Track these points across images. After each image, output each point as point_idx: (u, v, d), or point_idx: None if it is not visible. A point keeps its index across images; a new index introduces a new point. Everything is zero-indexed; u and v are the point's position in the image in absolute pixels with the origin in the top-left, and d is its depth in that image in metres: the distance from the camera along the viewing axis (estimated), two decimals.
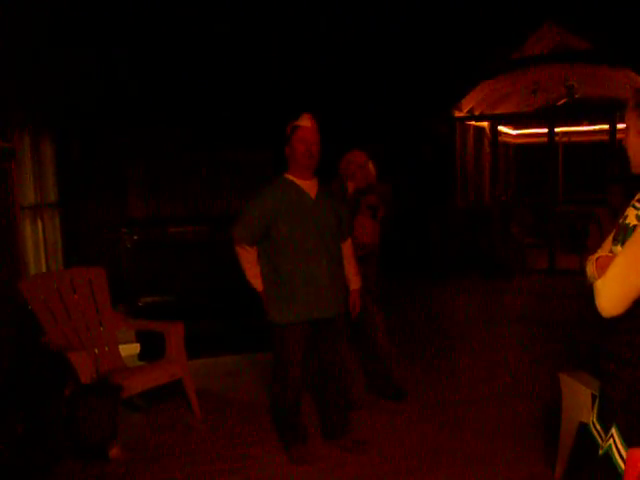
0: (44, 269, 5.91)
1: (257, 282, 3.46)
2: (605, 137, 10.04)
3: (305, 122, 3.40)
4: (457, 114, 10.47)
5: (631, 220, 1.75)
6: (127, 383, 3.73)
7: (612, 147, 9.64)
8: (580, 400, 3.02)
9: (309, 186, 3.45)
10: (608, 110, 9.75)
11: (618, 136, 9.76)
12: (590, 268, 1.83)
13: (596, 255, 1.86)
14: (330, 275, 3.42)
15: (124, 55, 7.24)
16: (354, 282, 3.67)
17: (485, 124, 11.35)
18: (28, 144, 5.79)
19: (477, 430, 3.89)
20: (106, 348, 4.35)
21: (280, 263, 3.36)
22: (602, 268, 1.75)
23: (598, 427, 1.86)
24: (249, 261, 3.45)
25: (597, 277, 1.75)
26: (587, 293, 1.86)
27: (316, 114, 3.49)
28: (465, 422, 4.03)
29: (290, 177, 3.45)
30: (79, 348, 4.00)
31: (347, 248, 3.66)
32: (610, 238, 1.88)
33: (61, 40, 6.24)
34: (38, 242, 5.90)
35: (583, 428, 2.91)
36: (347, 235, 3.66)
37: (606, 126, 9.95)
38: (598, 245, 1.94)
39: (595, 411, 1.92)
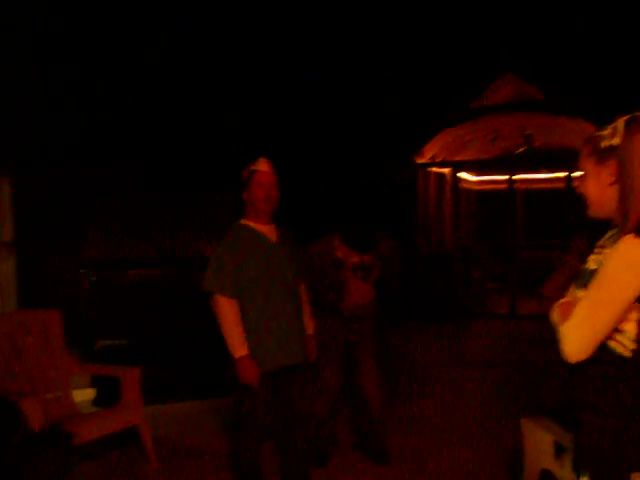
0: None
1: (243, 347, 3.14)
2: (562, 185, 10.32)
3: (262, 166, 3.35)
4: (419, 160, 10.64)
5: (590, 265, 1.77)
6: (79, 430, 3.58)
7: (569, 194, 9.89)
8: (542, 446, 3.00)
9: (268, 231, 3.39)
10: (565, 158, 10.03)
11: (576, 186, 10.03)
12: (554, 315, 1.83)
13: (560, 301, 1.86)
14: (295, 320, 3.36)
15: (85, 95, 7.22)
16: (309, 327, 3.58)
17: (446, 170, 11.54)
18: None
19: (440, 476, 3.83)
20: (59, 393, 4.18)
21: (246, 311, 3.23)
22: (565, 314, 1.75)
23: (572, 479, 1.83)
24: (232, 319, 3.17)
25: (559, 323, 1.75)
26: (549, 338, 1.86)
27: (276, 159, 3.47)
28: (427, 468, 3.97)
29: (248, 223, 3.36)
30: (30, 393, 3.85)
31: (303, 292, 3.60)
32: (573, 284, 1.89)
33: (20, 79, 6.19)
34: None
35: (545, 475, 2.89)
36: (303, 278, 3.60)
37: (563, 174, 10.24)
38: (556, 290, 1.95)
39: (569, 462, 1.89)
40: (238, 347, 3.14)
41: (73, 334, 5.89)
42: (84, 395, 5.28)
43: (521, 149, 10.86)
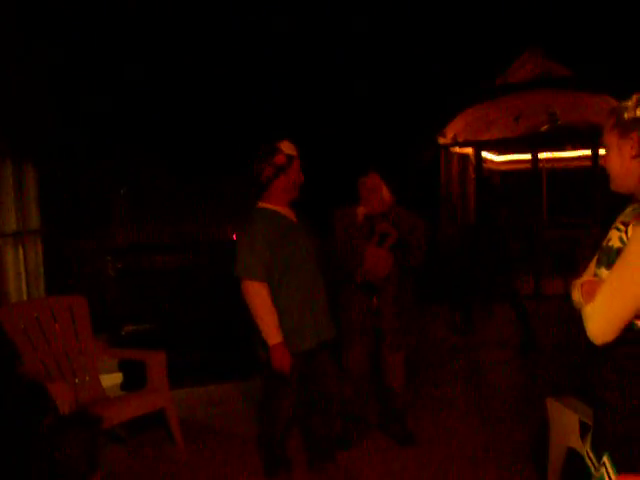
0: (25, 297, 5.81)
1: (278, 334, 3.15)
2: (588, 163, 10.14)
3: (294, 151, 3.39)
4: (441, 141, 10.52)
5: (614, 242, 1.73)
6: (107, 413, 3.63)
7: (595, 172, 9.73)
8: (568, 425, 2.98)
9: (289, 212, 3.44)
10: (590, 136, 9.85)
11: (600, 161, 9.86)
12: (576, 294, 1.80)
13: (581, 280, 1.82)
14: (324, 295, 3.41)
15: (109, 82, 7.25)
16: None
17: (469, 151, 11.41)
18: (10, 170, 5.74)
19: (466, 458, 3.83)
20: (87, 378, 4.25)
21: (280, 294, 3.24)
22: (588, 294, 1.72)
23: (592, 456, 1.81)
24: (266, 305, 3.17)
25: (584, 303, 1.72)
26: (573, 318, 1.83)
27: (300, 141, 3.48)
28: (454, 450, 3.97)
29: (270, 206, 3.38)
30: (58, 378, 3.92)
31: None
32: (594, 261, 1.85)
33: (45, 67, 6.23)
34: (19, 270, 5.81)
35: (572, 454, 2.87)
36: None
37: (588, 152, 10.06)
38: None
39: (589, 440, 1.87)
40: (273, 334, 3.15)
41: (100, 320, 5.98)
42: (112, 380, 5.36)
43: (546, 127, 10.68)
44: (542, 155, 11.16)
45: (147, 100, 7.59)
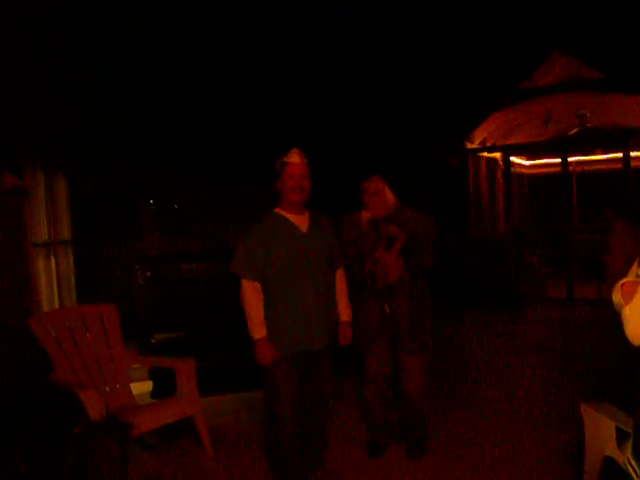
0: (57, 306, 5.90)
1: (262, 330, 3.34)
2: (619, 165, 9.97)
3: (294, 158, 3.42)
4: (469, 146, 10.46)
5: None
6: (137, 421, 3.64)
7: (626, 175, 9.55)
8: (604, 433, 2.90)
9: (300, 220, 3.47)
10: (621, 138, 9.69)
11: (632, 164, 9.68)
12: (616, 295, 1.75)
13: (622, 281, 1.78)
14: (318, 309, 3.42)
15: (138, 93, 7.33)
16: (344, 314, 3.64)
17: (497, 155, 11.32)
18: (42, 181, 5.84)
19: (498, 465, 3.77)
20: (117, 385, 4.28)
21: (271, 296, 3.37)
22: (628, 294, 1.67)
23: (633, 463, 1.75)
24: (255, 305, 3.35)
25: (624, 304, 1.67)
26: (610, 321, 1.79)
27: (328, 147, 3.50)
28: (485, 457, 3.90)
29: (280, 212, 3.47)
30: (89, 385, 3.95)
31: (339, 278, 3.65)
32: (635, 263, 1.80)
33: (74, 79, 6.33)
34: (51, 279, 5.90)
35: (609, 462, 2.80)
36: (339, 264, 3.64)
37: (619, 154, 9.88)
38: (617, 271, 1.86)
39: (629, 448, 1.81)
40: (257, 329, 3.34)
41: (130, 328, 6.03)
42: (142, 387, 5.39)
43: (575, 130, 10.54)
44: (572, 159, 11.02)
45: (177, 111, 7.66)
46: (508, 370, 5.94)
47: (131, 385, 4.45)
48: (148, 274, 6.35)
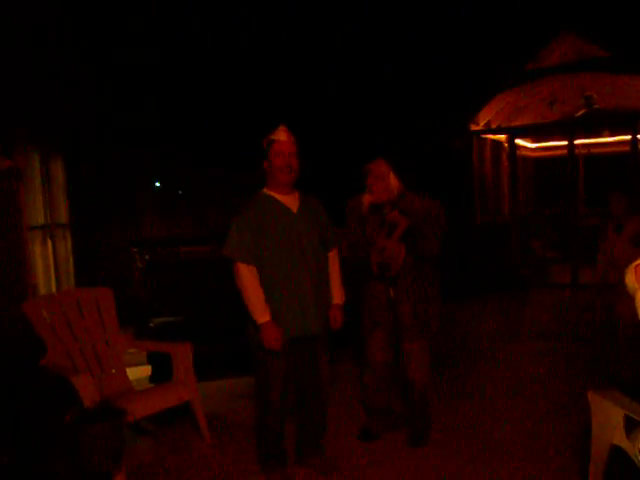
0: (54, 290, 5.82)
1: (266, 313, 3.20)
2: (627, 148, 9.81)
3: (281, 135, 3.30)
4: (473, 128, 10.31)
5: None
6: (132, 407, 3.55)
7: (634, 158, 9.40)
8: (612, 421, 2.80)
9: (289, 200, 3.36)
10: (629, 120, 9.53)
11: None
12: (630, 277, 1.66)
13: (636, 263, 1.68)
14: (313, 291, 3.31)
15: (137, 76, 7.21)
16: (337, 297, 3.52)
17: (503, 137, 11.18)
18: (38, 164, 5.74)
19: (503, 453, 3.68)
20: (113, 370, 4.20)
21: (266, 279, 3.24)
22: None
23: None
24: (253, 285, 3.21)
25: (638, 287, 1.58)
26: (613, 307, 1.69)
27: (331, 129, 3.38)
28: (489, 444, 3.82)
29: (269, 192, 3.36)
30: (84, 370, 3.88)
31: (332, 260, 3.53)
32: None
33: (72, 62, 6.22)
34: (48, 263, 5.81)
35: (617, 451, 2.70)
36: (331, 246, 3.53)
37: (628, 137, 9.72)
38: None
39: (639, 437, 1.72)
40: (261, 313, 3.21)
41: (128, 312, 5.95)
42: (140, 372, 5.33)
43: (582, 112, 10.38)
44: (578, 141, 10.86)
45: (173, 95, 7.54)
46: (511, 356, 5.85)
47: (129, 370, 4.38)
48: (147, 257, 6.27)
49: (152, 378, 5.34)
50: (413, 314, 3.75)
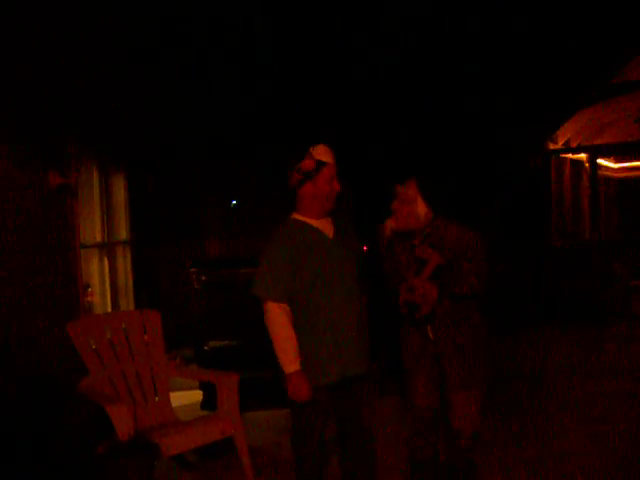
0: (110, 309, 5.75)
1: (295, 362, 2.85)
2: None
3: (329, 158, 2.98)
4: (552, 147, 9.86)
5: None
6: (170, 441, 3.36)
7: None
8: None
9: (325, 225, 3.03)
10: None
11: None
12: None
13: None
14: (355, 326, 2.98)
15: (201, 89, 7.12)
16: None
17: (583, 157, 10.64)
18: (97, 179, 5.70)
19: None
20: (156, 398, 4.02)
21: (299, 318, 2.91)
22: None
23: None
24: (287, 331, 2.86)
25: None
26: None
27: (393, 145, 3.08)
28: None
29: (302, 218, 3.01)
30: (124, 398, 3.71)
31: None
32: None
33: (133, 78, 6.19)
34: (104, 281, 5.75)
35: None
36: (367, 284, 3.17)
37: None
38: None
39: None
40: (289, 362, 2.86)
41: (188, 334, 5.81)
42: (192, 397, 5.16)
43: None
44: None
45: (239, 110, 7.43)
46: (585, 398, 5.30)
47: (181, 394, 4.20)
48: (203, 278, 6.11)
49: (203, 405, 5.16)
50: (453, 363, 3.28)
